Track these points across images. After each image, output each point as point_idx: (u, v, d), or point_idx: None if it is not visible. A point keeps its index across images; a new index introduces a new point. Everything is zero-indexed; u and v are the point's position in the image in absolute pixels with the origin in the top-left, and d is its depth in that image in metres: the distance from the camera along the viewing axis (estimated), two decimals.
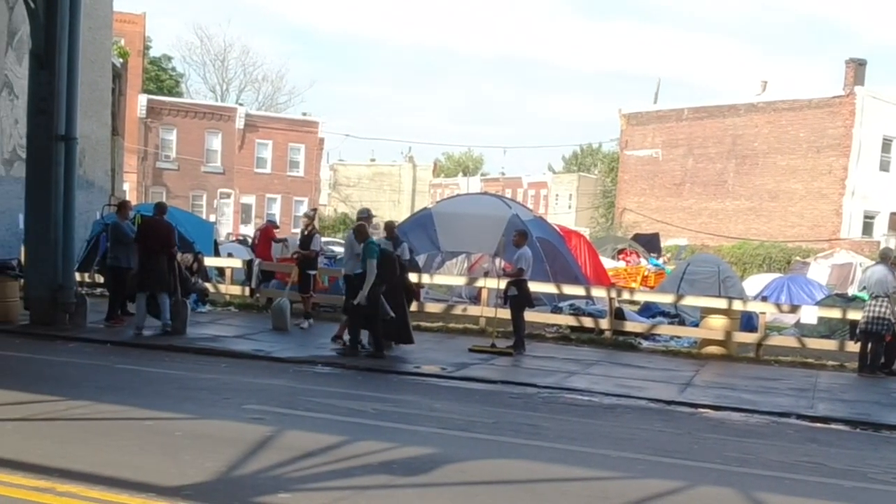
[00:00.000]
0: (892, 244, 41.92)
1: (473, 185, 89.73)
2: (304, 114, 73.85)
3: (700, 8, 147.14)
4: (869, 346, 17.00)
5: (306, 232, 19.70)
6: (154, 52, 73.05)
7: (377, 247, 15.58)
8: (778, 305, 21.75)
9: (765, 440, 11.27)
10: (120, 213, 18.48)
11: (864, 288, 18.02)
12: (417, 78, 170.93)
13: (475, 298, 23.07)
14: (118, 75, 35.71)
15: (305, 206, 61.42)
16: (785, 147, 50.20)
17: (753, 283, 31.93)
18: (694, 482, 8.69)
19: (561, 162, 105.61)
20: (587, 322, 19.95)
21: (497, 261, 19.22)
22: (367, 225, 16.50)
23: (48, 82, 16.84)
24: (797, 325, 21.11)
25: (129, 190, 53.49)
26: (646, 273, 37.44)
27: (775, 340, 19.05)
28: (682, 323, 20.78)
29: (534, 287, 18.33)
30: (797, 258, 42.76)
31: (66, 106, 17.07)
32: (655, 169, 57.19)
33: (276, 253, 23.78)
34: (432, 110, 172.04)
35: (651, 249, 44.03)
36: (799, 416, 12.75)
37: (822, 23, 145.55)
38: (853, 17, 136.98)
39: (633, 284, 34.60)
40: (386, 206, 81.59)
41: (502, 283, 17.66)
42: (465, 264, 27.30)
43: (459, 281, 23.97)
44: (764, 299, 23.50)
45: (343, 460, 8.64)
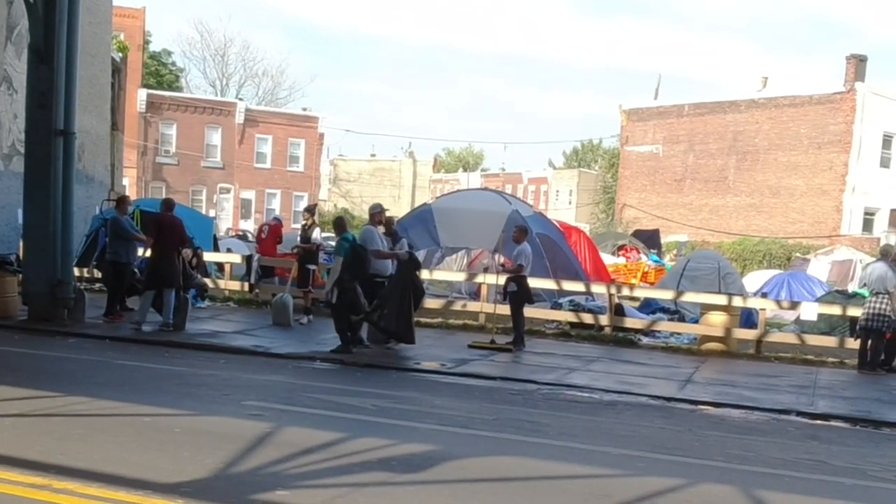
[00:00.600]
0: (893, 241, 41.86)
1: (474, 180, 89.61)
2: (304, 109, 73.82)
3: (701, 4, 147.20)
4: (869, 342, 16.96)
5: (306, 227, 19.70)
6: (154, 46, 73.01)
7: (348, 243, 15.52)
8: (778, 302, 21.73)
9: (765, 437, 11.24)
10: (119, 208, 18.44)
11: (864, 284, 17.99)
12: (418, 73, 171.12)
13: (475, 294, 23.04)
14: (118, 70, 35.64)
15: (305, 202, 61.38)
16: (786, 143, 50.17)
17: (754, 280, 31.89)
18: (695, 479, 8.66)
19: (561, 158, 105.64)
20: (587, 318, 19.92)
21: (497, 257, 19.19)
22: (347, 220, 16.76)
23: (47, 77, 16.78)
24: (797, 321, 21.08)
25: (129, 185, 53.47)
26: (646, 269, 37.36)
27: (775, 337, 19.01)
28: (682, 319, 20.75)
29: (533, 283, 18.30)
30: (797, 254, 42.73)
31: (66, 100, 17.02)
32: (656, 165, 57.16)
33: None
34: (433, 106, 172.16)
35: (651, 245, 44.00)
36: (799, 414, 12.71)
37: (822, 19, 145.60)
38: (854, 14, 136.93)
39: (633, 281, 34.56)
40: (386, 202, 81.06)
41: (502, 279, 17.62)
42: (465, 260, 27.27)
43: (459, 277, 23.93)
44: (764, 296, 23.43)
45: (342, 457, 8.61)
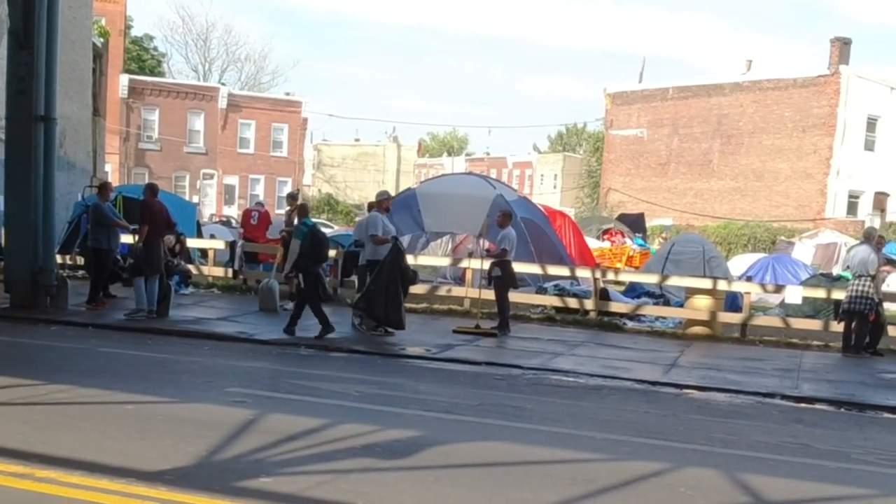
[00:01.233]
0: (877, 224, 42.10)
1: (458, 165, 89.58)
2: (287, 94, 73.59)
3: None
4: (853, 325, 17.03)
5: (292, 212, 19.65)
6: (136, 31, 72.58)
7: (307, 227, 15.77)
8: (763, 286, 21.81)
9: (749, 421, 11.26)
10: (101, 195, 18.33)
11: (847, 267, 18.04)
12: (402, 58, 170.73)
13: (459, 279, 23.00)
14: (99, 55, 35.41)
15: (289, 187, 61.28)
16: (770, 126, 50.27)
17: (738, 263, 31.98)
18: (679, 464, 8.66)
19: (546, 142, 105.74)
20: (572, 303, 19.92)
21: (481, 241, 19.18)
22: (309, 208, 17.04)
23: (27, 62, 16.64)
24: (782, 305, 21.15)
25: (112, 171, 53.24)
26: (631, 253, 37.40)
27: (760, 320, 19.07)
28: (667, 303, 20.80)
29: (518, 268, 18.28)
30: (782, 238, 42.85)
31: (46, 86, 16.89)
32: (641, 149, 57.20)
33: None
34: (417, 90, 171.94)
35: (636, 229, 44.02)
36: (784, 397, 12.74)
37: (807, 1, 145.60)
38: None
39: (618, 265, 34.61)
40: (370, 187, 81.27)
41: (486, 264, 17.61)
42: (450, 245, 27.24)
43: (444, 262, 23.91)
44: (749, 279, 23.50)
45: (326, 443, 8.58)
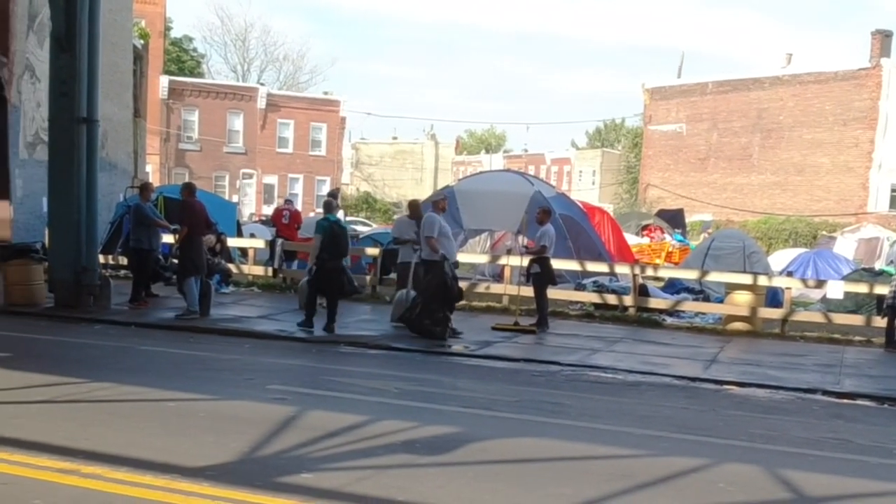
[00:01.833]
0: None
1: (496, 162, 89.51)
2: (325, 93, 73.89)
3: None
4: None
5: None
6: (175, 32, 73.19)
7: (328, 223, 15.83)
8: (804, 281, 21.64)
9: (790, 417, 11.21)
10: (142, 195, 18.54)
11: (891, 262, 17.91)
12: (439, 55, 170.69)
13: (498, 276, 23.02)
14: (139, 57, 35.74)
15: (328, 186, 61.52)
16: (811, 120, 49.81)
17: (779, 258, 31.74)
18: (718, 459, 8.65)
19: (584, 138, 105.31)
20: (611, 299, 19.87)
21: (520, 238, 19.17)
22: (334, 205, 17.11)
23: (69, 65, 16.85)
24: (823, 300, 20.98)
25: (152, 171, 53.67)
26: (670, 249, 37.25)
27: (801, 316, 18.92)
28: (706, 299, 20.69)
29: (557, 264, 18.27)
30: (823, 233, 42.50)
31: (88, 88, 17.09)
32: (679, 144, 56.88)
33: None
34: (454, 87, 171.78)
35: (675, 225, 43.81)
36: (825, 393, 12.67)
37: None
38: None
39: (658, 260, 34.47)
40: (408, 185, 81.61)
41: (525, 261, 17.61)
42: (488, 242, 27.24)
43: (482, 259, 23.93)
44: (789, 274, 23.37)
45: (365, 440, 8.64)
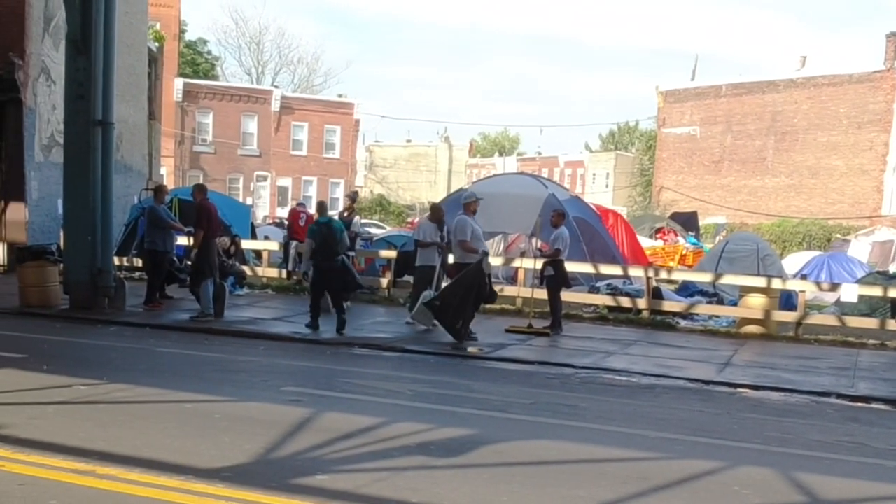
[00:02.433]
0: None
1: (510, 164, 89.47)
2: (339, 95, 74.09)
3: None
4: None
5: (346, 214, 19.80)
6: (190, 35, 73.44)
7: (316, 226, 16.29)
8: (818, 284, 21.56)
9: (805, 420, 11.18)
10: (156, 197, 18.61)
11: None
12: (453, 57, 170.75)
13: (512, 279, 23.02)
14: (154, 59, 35.86)
15: (342, 188, 61.68)
16: (825, 123, 49.65)
17: (793, 262, 31.66)
18: (733, 462, 8.64)
19: (598, 140, 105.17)
20: (625, 302, 19.86)
21: (534, 241, 19.16)
22: (326, 205, 17.25)
23: (85, 68, 16.94)
24: (837, 303, 20.90)
25: (167, 174, 53.85)
26: (684, 252, 37.16)
27: (815, 319, 18.89)
28: (720, 302, 20.67)
29: (571, 267, 18.27)
30: (837, 235, 42.35)
31: (103, 91, 17.18)
32: (693, 146, 56.76)
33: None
34: (468, 90, 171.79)
35: (689, 228, 43.69)
36: (839, 396, 12.63)
37: None
38: None
39: (671, 263, 34.40)
40: (422, 187, 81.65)
41: (539, 264, 17.62)
42: (502, 245, 27.25)
43: (496, 261, 23.88)
44: (803, 277, 23.30)
45: (380, 441, 8.66)
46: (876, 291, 19.34)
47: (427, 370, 13.33)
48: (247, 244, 22.71)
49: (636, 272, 21.00)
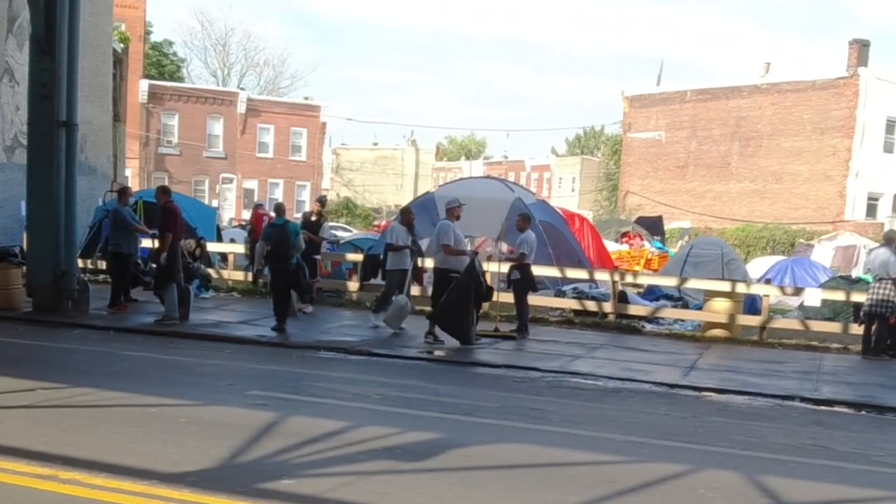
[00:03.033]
0: None
1: (476, 168, 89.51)
2: (306, 98, 73.82)
3: None
4: (873, 328, 16.97)
5: (314, 218, 19.72)
6: (155, 37, 72.86)
7: (269, 229, 16.83)
8: (782, 288, 21.74)
9: (769, 423, 11.26)
10: (120, 200, 18.47)
11: (868, 270, 17.98)
12: (421, 60, 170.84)
13: None
14: (119, 60, 35.56)
15: (308, 191, 61.57)
16: (789, 129, 50.09)
17: (757, 266, 31.88)
18: (699, 465, 8.68)
19: (564, 145, 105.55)
20: (591, 306, 19.92)
21: (500, 244, 19.17)
22: (284, 208, 17.85)
23: (49, 68, 16.78)
24: (801, 307, 21.06)
25: (132, 175, 53.43)
26: (649, 256, 37.33)
27: (779, 323, 19.01)
28: (685, 306, 20.77)
29: (537, 271, 18.30)
30: (801, 240, 42.69)
31: (67, 92, 17.02)
32: (659, 151, 57.08)
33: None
34: (435, 93, 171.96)
35: (655, 232, 43.91)
36: (803, 399, 12.72)
37: (825, 3, 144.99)
38: None
39: (637, 267, 34.53)
40: (389, 190, 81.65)
41: (505, 267, 17.63)
42: (469, 248, 27.22)
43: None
44: (768, 282, 23.48)
45: (347, 446, 8.63)
46: (839, 296, 19.53)
47: (394, 374, 13.30)
48: (212, 247, 22.58)
49: (602, 276, 21.07)
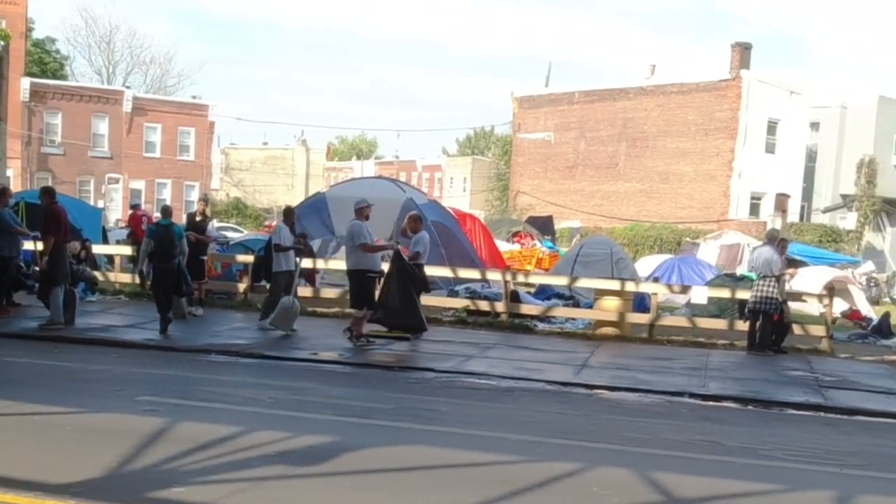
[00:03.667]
0: (778, 224, 43.09)
1: (368, 168, 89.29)
2: (193, 97, 72.67)
3: None
4: (758, 324, 17.41)
5: (198, 218, 19.38)
6: (37, 33, 70.82)
7: (153, 227, 16.97)
8: (669, 286, 22.16)
9: (660, 419, 11.45)
10: (0, 201, 17.88)
11: (752, 268, 18.43)
12: (312, 59, 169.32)
13: None
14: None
15: (197, 191, 60.48)
16: (674, 130, 51.08)
17: (645, 264, 32.37)
18: (592, 463, 8.77)
19: (455, 145, 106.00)
20: (483, 305, 20.01)
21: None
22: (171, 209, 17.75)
23: None
24: (688, 305, 21.50)
25: (14, 176, 51.85)
26: (540, 255, 37.67)
27: (667, 321, 19.38)
28: (576, 305, 21.02)
29: (429, 271, 18.29)
30: (687, 239, 43.53)
31: None
32: (548, 152, 57.68)
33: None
34: (327, 93, 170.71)
35: (545, 232, 44.37)
36: (692, 395, 12.98)
37: (710, 6, 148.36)
38: (739, 1, 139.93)
39: (528, 267, 34.80)
40: (280, 191, 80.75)
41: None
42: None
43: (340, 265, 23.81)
44: (656, 280, 23.87)
45: (239, 451, 8.49)
46: (724, 293, 20.00)
47: (286, 376, 13.16)
48: (98, 249, 22.01)
49: (494, 276, 21.20)
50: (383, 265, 16.53)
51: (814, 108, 50.85)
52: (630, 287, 19.44)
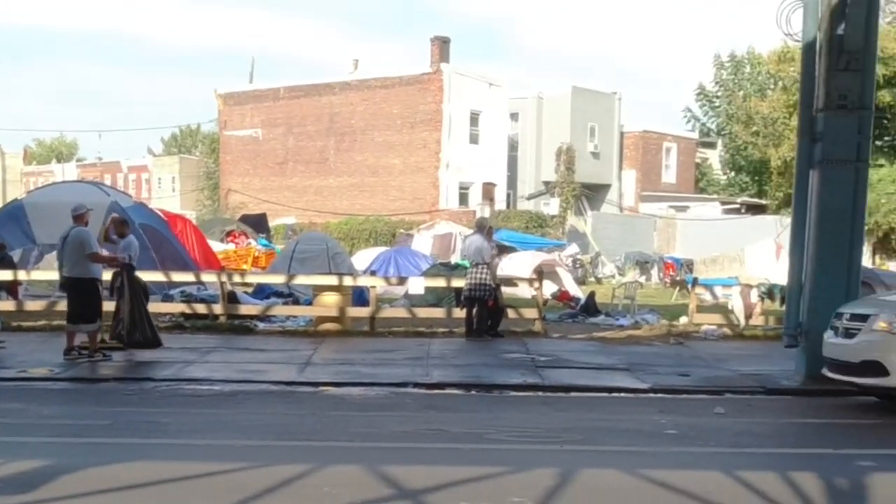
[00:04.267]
0: (487, 213, 44.49)
1: (70, 171, 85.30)
2: None
3: None
4: (474, 311, 17.89)
5: None
6: None
7: None
8: (387, 279, 22.46)
9: (386, 412, 11.55)
10: None
11: (465, 256, 18.96)
12: (3, 59, 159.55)
13: None
14: None
15: None
16: (381, 123, 51.69)
17: (362, 258, 32.60)
18: (322, 463, 8.67)
19: (161, 144, 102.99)
20: (200, 308, 19.57)
21: (101, 251, 18.33)
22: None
23: None
24: (406, 296, 21.84)
25: None
26: (256, 254, 37.27)
27: (387, 313, 19.60)
28: (296, 302, 20.91)
29: (142, 276, 17.62)
30: (401, 230, 44.24)
31: None
32: (257, 149, 57.07)
33: None
34: (19, 93, 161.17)
35: (260, 230, 43.94)
36: (416, 385, 13.18)
37: (409, 1, 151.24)
38: None
39: (245, 266, 34.34)
40: None
41: (109, 275, 16.85)
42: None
43: (56, 275, 22.64)
44: (373, 273, 24.07)
45: None
46: (440, 283, 20.48)
47: None
48: None
49: (209, 277, 20.77)
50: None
51: (513, 99, 52.73)
52: (348, 281, 19.51)
